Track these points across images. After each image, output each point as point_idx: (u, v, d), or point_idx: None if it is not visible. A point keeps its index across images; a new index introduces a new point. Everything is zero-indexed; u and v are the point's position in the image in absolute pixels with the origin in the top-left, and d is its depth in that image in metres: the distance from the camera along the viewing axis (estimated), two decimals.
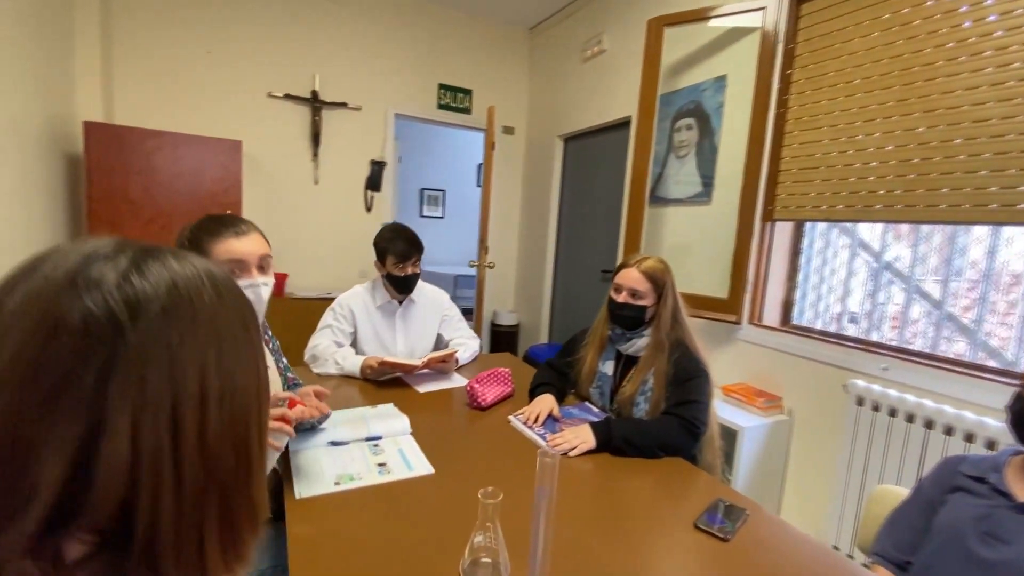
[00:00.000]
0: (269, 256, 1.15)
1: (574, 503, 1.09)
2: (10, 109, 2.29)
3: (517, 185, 4.46)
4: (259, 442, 0.44)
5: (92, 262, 0.36)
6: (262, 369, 0.44)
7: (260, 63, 3.38)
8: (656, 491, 1.19)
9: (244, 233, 1.11)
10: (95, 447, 0.33)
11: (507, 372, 1.73)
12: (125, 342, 0.33)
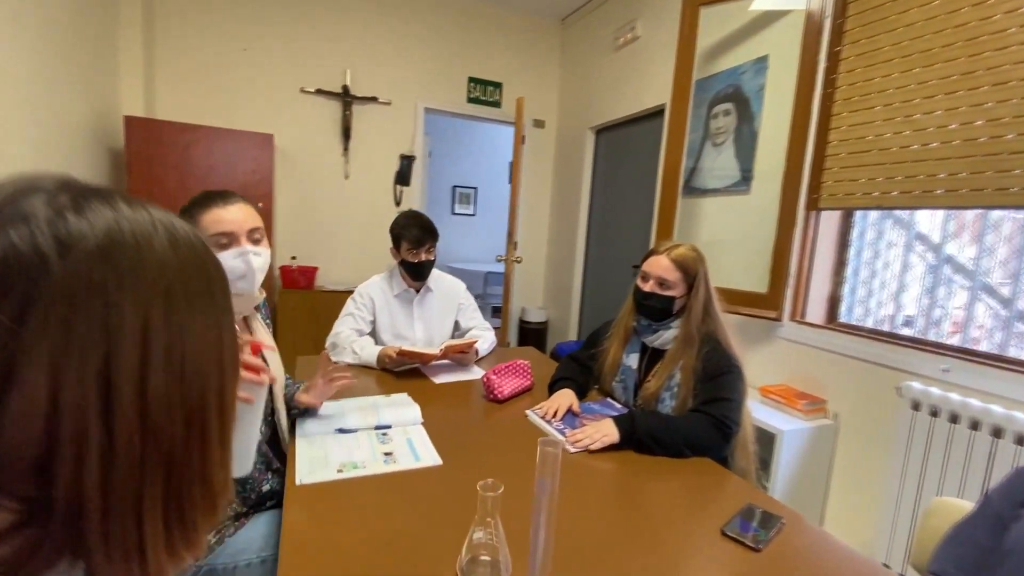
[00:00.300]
0: (260, 228, 1.12)
1: (593, 502, 1.01)
2: (58, 105, 2.39)
3: (547, 179, 4.38)
4: (220, 416, 0.39)
5: (26, 195, 0.32)
6: (228, 338, 0.40)
7: (293, 59, 3.43)
8: (681, 493, 1.09)
9: (231, 203, 1.07)
10: (4, 393, 0.29)
11: (526, 365, 1.66)
12: (49, 278, 0.30)
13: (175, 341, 0.35)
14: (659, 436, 1.22)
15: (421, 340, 2.00)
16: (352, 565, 0.80)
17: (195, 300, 0.37)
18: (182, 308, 0.36)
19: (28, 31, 2.17)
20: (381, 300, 1.96)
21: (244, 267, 1.07)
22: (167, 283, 0.35)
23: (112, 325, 0.31)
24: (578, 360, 1.67)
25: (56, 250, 0.30)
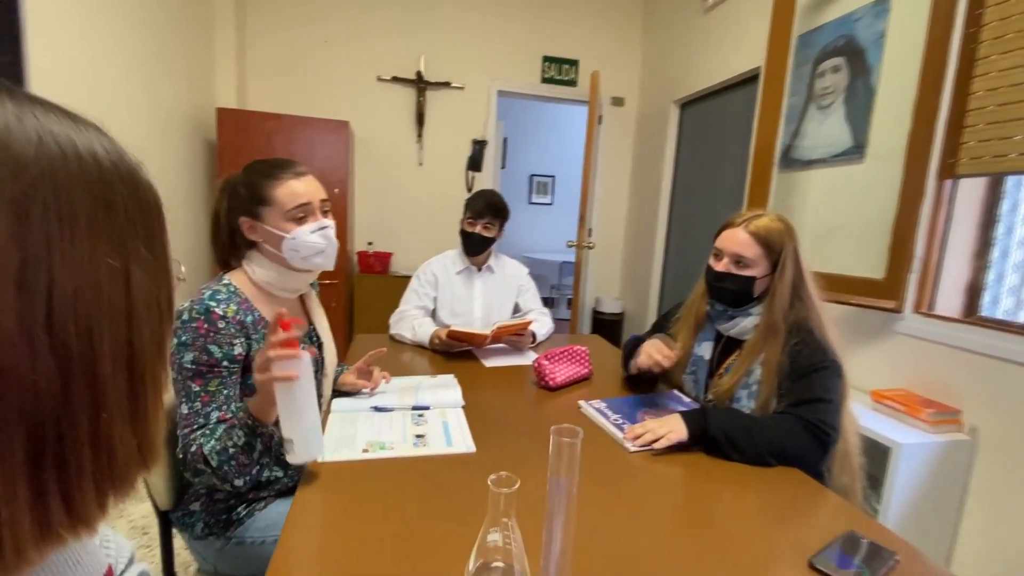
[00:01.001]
0: (329, 200, 1.08)
1: (653, 513, 0.85)
2: (163, 100, 2.60)
3: (626, 161, 4.12)
4: (129, 376, 0.32)
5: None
6: (142, 278, 0.32)
7: (371, 48, 3.50)
8: (762, 509, 0.89)
9: (303, 174, 1.03)
10: None
11: (584, 351, 1.50)
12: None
13: (33, 263, 0.27)
14: (737, 437, 1.02)
15: (479, 319, 1.94)
16: (353, 555, 0.71)
17: (74, 220, 0.29)
18: (46, 225, 0.28)
19: (133, 30, 2.36)
20: (444, 276, 1.94)
21: (324, 242, 1.03)
22: (19, 194, 0.27)
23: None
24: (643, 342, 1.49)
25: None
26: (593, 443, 1.09)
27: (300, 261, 1.02)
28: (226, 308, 0.94)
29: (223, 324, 0.93)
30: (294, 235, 1.00)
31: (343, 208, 3.16)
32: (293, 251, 1.01)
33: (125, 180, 0.32)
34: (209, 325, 0.91)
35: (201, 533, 0.99)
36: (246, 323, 0.97)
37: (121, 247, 0.31)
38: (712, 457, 1.04)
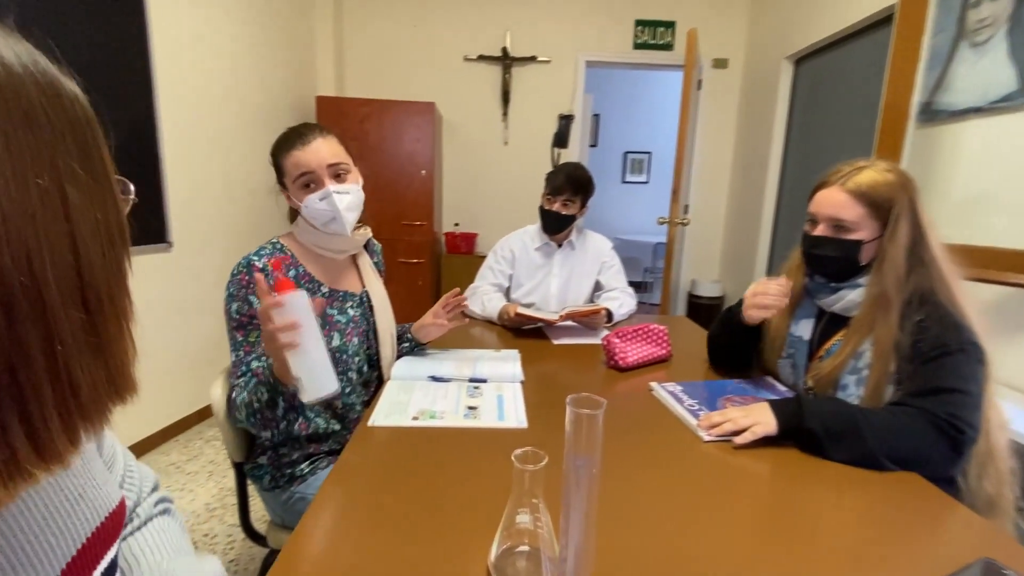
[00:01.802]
0: (343, 163, 1.05)
1: (730, 516, 0.72)
2: (269, 90, 2.82)
3: (729, 129, 3.75)
4: (74, 289, 0.30)
5: None
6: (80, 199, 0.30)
7: (457, 28, 3.51)
8: (868, 522, 0.72)
9: (309, 141, 1.01)
10: None
11: (663, 331, 1.37)
12: None
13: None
14: (841, 432, 0.85)
15: (555, 298, 1.86)
16: (383, 519, 0.69)
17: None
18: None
19: (244, 26, 2.56)
20: (521, 252, 1.89)
21: (330, 210, 1.03)
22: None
23: None
24: None
25: None
26: (661, 430, 0.97)
27: (321, 227, 1.04)
28: (266, 261, 0.99)
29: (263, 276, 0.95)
30: (305, 204, 1.02)
31: (429, 190, 3.23)
32: (311, 219, 1.04)
33: (44, 89, 0.29)
34: (250, 277, 0.96)
35: (268, 485, 1.05)
36: (288, 277, 1.01)
37: (50, 165, 0.29)
38: (807, 454, 0.89)
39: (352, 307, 1.14)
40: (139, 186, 1.16)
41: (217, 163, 2.45)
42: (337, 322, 1.09)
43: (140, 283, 1.98)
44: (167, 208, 2.16)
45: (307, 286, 1.05)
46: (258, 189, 2.68)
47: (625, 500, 0.75)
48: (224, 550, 1.65)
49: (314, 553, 0.62)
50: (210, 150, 2.40)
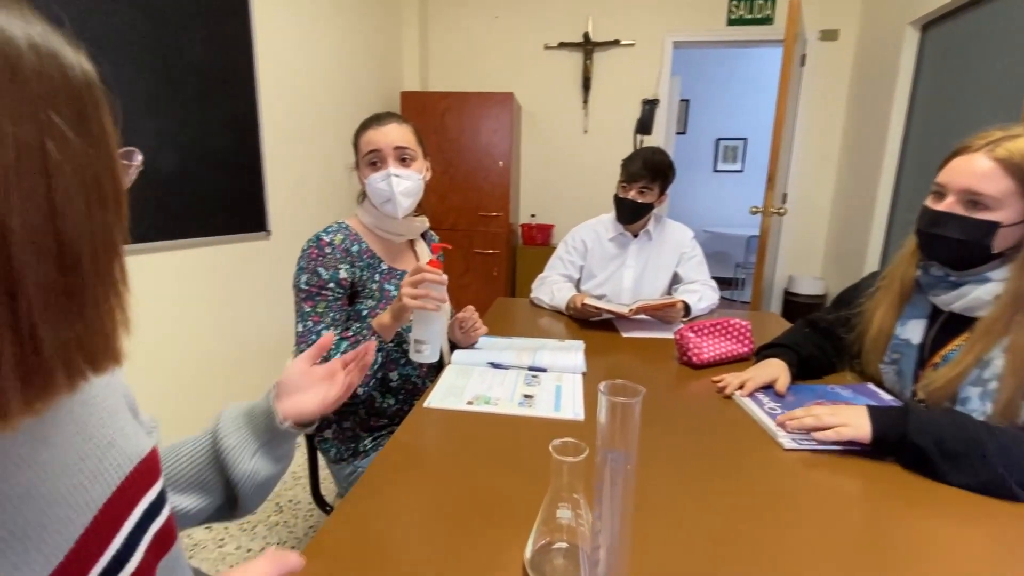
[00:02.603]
0: (409, 148, 1.09)
1: (812, 535, 0.63)
2: (358, 86, 2.97)
3: (837, 109, 3.37)
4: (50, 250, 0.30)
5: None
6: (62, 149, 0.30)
7: (538, 17, 3.47)
8: (991, 556, 0.60)
9: (384, 123, 1.08)
10: None
11: (745, 326, 1.24)
12: None
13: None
14: (959, 451, 0.71)
15: (628, 290, 1.78)
16: (423, 504, 0.68)
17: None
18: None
19: (337, 30, 2.71)
20: (594, 243, 1.81)
21: (388, 190, 1.07)
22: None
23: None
24: (817, 325, 1.17)
25: None
26: (735, 435, 0.88)
27: (379, 207, 1.10)
28: (333, 236, 1.06)
29: (329, 249, 1.04)
30: (368, 181, 1.09)
31: (506, 181, 3.23)
32: (371, 197, 1.10)
33: (39, 49, 0.29)
34: (318, 251, 1.03)
35: (334, 458, 1.10)
36: (351, 251, 1.07)
37: (32, 119, 0.29)
38: (909, 469, 0.76)
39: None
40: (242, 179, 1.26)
41: (310, 157, 2.62)
42: (394, 297, 1.12)
43: (241, 268, 2.17)
44: (267, 199, 2.34)
45: (368, 261, 1.10)
46: (345, 180, 2.84)
47: (686, 509, 0.68)
48: (305, 516, 1.76)
49: (352, 530, 0.63)
50: (304, 145, 2.57)
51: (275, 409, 0.64)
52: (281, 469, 0.66)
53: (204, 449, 0.62)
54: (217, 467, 0.62)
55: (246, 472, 0.61)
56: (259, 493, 0.64)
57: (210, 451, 0.62)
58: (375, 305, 1.08)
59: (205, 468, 0.61)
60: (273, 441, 0.64)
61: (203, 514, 0.62)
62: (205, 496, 0.61)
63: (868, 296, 1.04)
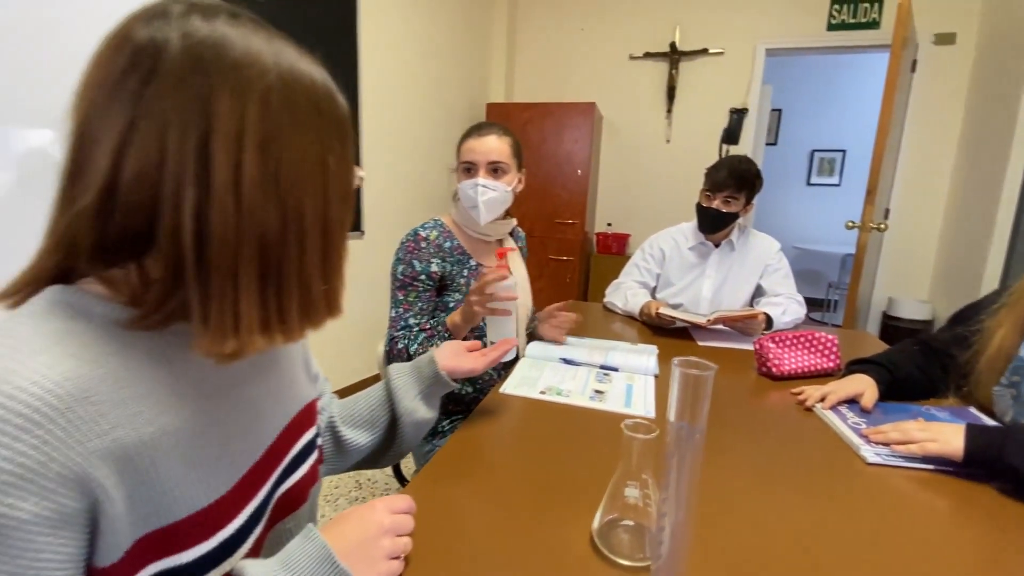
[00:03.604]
0: (502, 162, 1.16)
1: (884, 550, 0.61)
2: (449, 99, 3.14)
3: (953, 119, 3.07)
4: (323, 236, 0.44)
5: (174, 6, 0.40)
6: (336, 165, 0.45)
7: (624, 28, 3.49)
8: None
9: (484, 134, 1.16)
10: (130, 141, 0.37)
11: (831, 340, 1.19)
12: (167, 57, 0.37)
13: (271, 139, 0.39)
14: None
15: (707, 300, 1.74)
16: (494, 482, 0.73)
17: (296, 114, 0.41)
18: (280, 116, 0.40)
19: (428, 43, 2.90)
20: (672, 251, 1.79)
21: (472, 197, 1.15)
22: (265, 88, 0.39)
23: (212, 108, 0.38)
24: (929, 345, 1.09)
25: (179, 37, 0.38)
26: (814, 447, 0.86)
27: (467, 210, 1.17)
28: (429, 232, 1.16)
29: (424, 244, 1.14)
30: (460, 185, 1.17)
31: (584, 189, 3.26)
32: (462, 199, 1.18)
33: (329, 97, 0.44)
34: (415, 244, 1.14)
35: None
36: (443, 247, 1.16)
37: (323, 141, 0.43)
38: (1013, 499, 0.70)
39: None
40: None
41: (399, 164, 2.81)
42: None
43: None
44: (363, 200, 2.55)
45: (458, 257, 1.18)
46: (434, 184, 3.01)
47: (756, 513, 0.68)
48: (381, 493, 1.89)
49: (428, 502, 0.68)
50: (394, 154, 2.77)
51: (436, 362, 0.80)
52: (432, 417, 0.79)
53: (377, 393, 0.77)
54: (386, 407, 0.76)
55: (408, 408, 0.75)
56: (413, 432, 0.76)
57: (382, 394, 0.77)
58: (461, 299, 1.17)
59: (377, 408, 0.76)
60: (431, 389, 0.79)
61: (368, 448, 0.75)
62: (373, 432, 0.75)
63: (990, 313, 0.96)
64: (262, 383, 0.53)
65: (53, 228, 0.40)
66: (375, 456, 0.78)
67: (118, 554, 0.39)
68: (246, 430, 0.49)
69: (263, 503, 0.52)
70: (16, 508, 0.33)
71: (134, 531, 0.40)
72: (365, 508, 0.53)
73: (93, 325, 0.39)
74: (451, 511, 0.65)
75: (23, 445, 0.33)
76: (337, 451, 0.73)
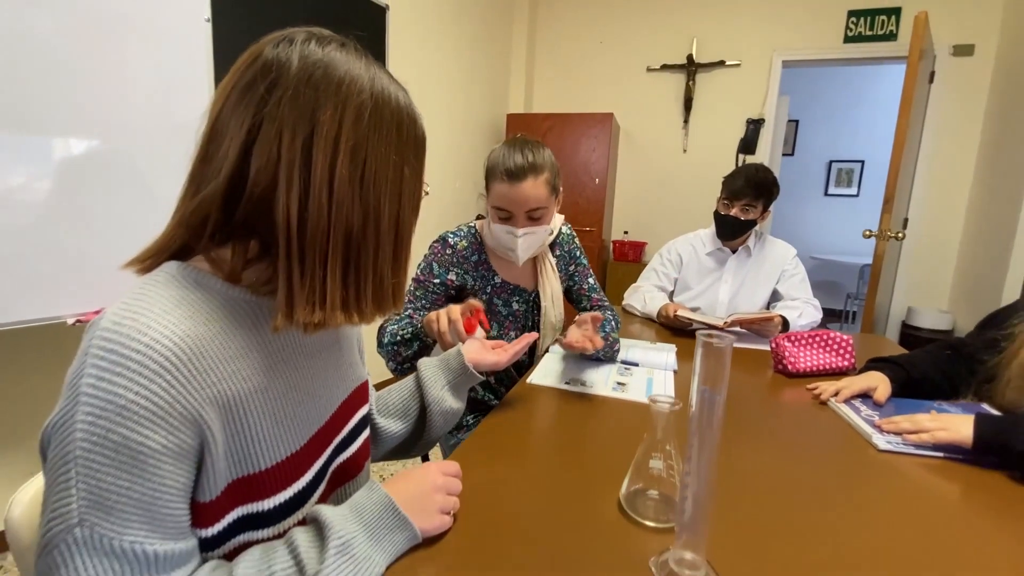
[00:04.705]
0: (542, 208, 1.09)
1: (895, 532, 0.65)
2: (469, 110, 3.24)
3: (972, 130, 3.08)
4: (395, 234, 0.53)
5: (295, 32, 0.50)
6: (410, 176, 0.53)
7: (642, 40, 3.56)
8: None
9: (517, 180, 1.05)
10: (255, 138, 0.45)
11: (846, 340, 1.23)
12: (289, 72, 0.46)
13: (360, 146, 0.48)
14: None
15: (724, 305, 1.78)
16: (524, 460, 0.79)
17: (381, 127, 0.49)
18: (369, 127, 0.48)
19: (452, 58, 3.01)
20: (690, 256, 1.84)
21: (511, 243, 1.12)
22: (360, 104, 0.48)
23: (317, 116, 0.46)
24: (955, 348, 1.10)
25: (298, 58, 0.47)
26: (828, 437, 0.90)
27: (499, 249, 1.16)
28: (458, 241, 1.17)
29: (450, 252, 1.16)
30: (495, 227, 1.13)
31: (601, 197, 3.32)
32: (495, 239, 1.15)
33: (410, 117, 0.52)
34: (441, 249, 1.16)
35: None
36: (470, 259, 1.17)
37: (401, 153, 0.51)
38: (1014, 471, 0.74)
39: (518, 302, 1.25)
40: None
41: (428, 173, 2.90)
42: (498, 313, 1.23)
43: None
44: None
45: (483, 273, 1.19)
46: (457, 192, 3.09)
47: (772, 493, 0.73)
48: None
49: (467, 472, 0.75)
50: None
51: (463, 355, 0.85)
52: (460, 407, 0.84)
53: (409, 384, 0.83)
54: (416, 397, 0.82)
55: (436, 397, 0.81)
56: (442, 422, 0.82)
57: (413, 386, 0.83)
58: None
59: (408, 399, 0.82)
60: (457, 379, 0.84)
61: (401, 436, 0.81)
62: (405, 421, 0.81)
63: (1018, 319, 0.98)
64: (327, 358, 0.60)
65: (182, 208, 0.49)
66: (407, 445, 0.84)
67: (215, 493, 0.46)
68: (315, 396, 0.57)
69: (325, 465, 0.59)
70: (150, 439, 0.40)
71: (228, 474, 0.47)
72: (420, 468, 0.60)
73: (204, 295, 0.47)
74: (491, 480, 0.71)
75: (156, 387, 0.40)
76: (373, 439, 0.79)
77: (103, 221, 1.36)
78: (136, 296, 0.44)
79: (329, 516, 0.49)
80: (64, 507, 0.38)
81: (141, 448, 0.39)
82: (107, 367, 0.39)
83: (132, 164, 1.42)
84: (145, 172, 1.44)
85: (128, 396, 0.39)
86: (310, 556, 0.46)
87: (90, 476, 0.38)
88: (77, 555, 0.38)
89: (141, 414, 0.39)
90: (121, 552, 0.39)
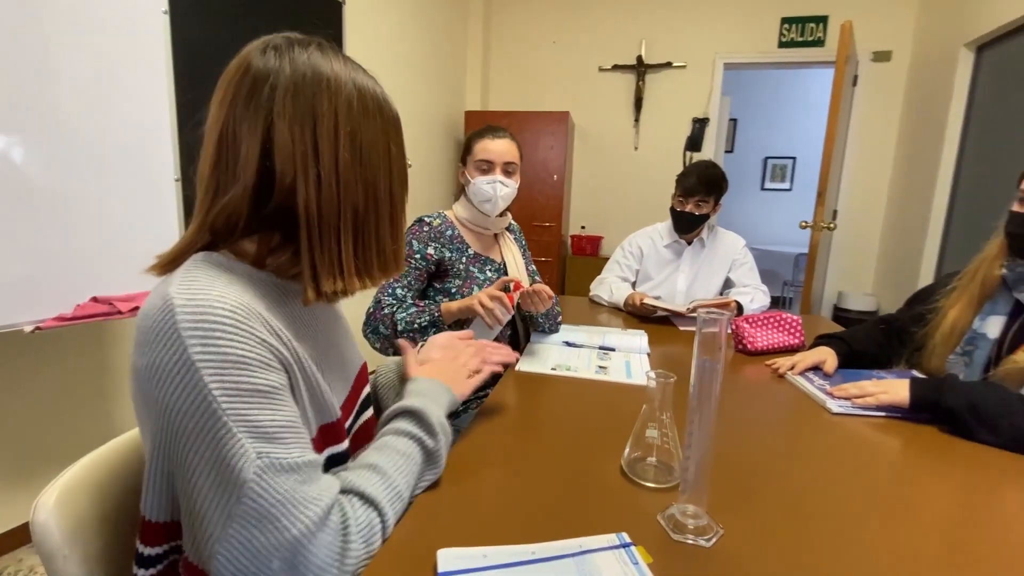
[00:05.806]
0: (515, 164, 1.30)
1: (848, 479, 0.76)
2: (427, 107, 3.24)
3: (890, 128, 3.40)
4: (390, 207, 0.58)
5: (276, 39, 0.54)
6: (396, 152, 0.59)
7: (594, 41, 3.68)
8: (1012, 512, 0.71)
9: (498, 137, 1.28)
10: (271, 136, 0.50)
11: (795, 320, 1.36)
12: (283, 77, 0.51)
13: (356, 131, 0.54)
14: (988, 412, 0.82)
15: (682, 293, 1.90)
16: (524, 439, 0.84)
17: (368, 113, 0.55)
18: (359, 114, 0.54)
19: (411, 55, 2.99)
20: (650, 249, 1.95)
21: (491, 192, 1.26)
22: (348, 95, 0.53)
23: (317, 109, 0.51)
24: (887, 323, 1.26)
25: (287, 64, 0.52)
26: (787, 403, 1.01)
27: (477, 204, 1.29)
28: (433, 220, 1.28)
29: (426, 228, 1.26)
30: (475, 181, 1.28)
31: (560, 194, 3.42)
32: (473, 195, 1.29)
33: (386, 101, 0.58)
34: (417, 227, 1.26)
35: None
36: (444, 234, 1.27)
37: (386, 133, 0.57)
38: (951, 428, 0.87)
39: (491, 270, 1.36)
40: None
41: None
42: (477, 279, 1.31)
43: None
44: None
45: (458, 246, 1.30)
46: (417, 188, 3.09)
47: (744, 456, 0.82)
48: None
49: (470, 445, 0.80)
50: None
51: None
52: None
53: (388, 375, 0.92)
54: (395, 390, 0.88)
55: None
56: None
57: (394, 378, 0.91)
58: (461, 284, 1.27)
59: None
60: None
61: None
62: None
63: (944, 294, 1.13)
64: (340, 332, 0.67)
65: (203, 211, 0.51)
66: None
67: (312, 436, 0.54)
68: (342, 365, 0.65)
69: (351, 425, 0.67)
70: (268, 379, 0.47)
71: (316, 421, 0.55)
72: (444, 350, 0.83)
73: (238, 277, 0.51)
74: (500, 454, 0.76)
75: (253, 340, 0.46)
76: None
77: (60, 224, 1.29)
78: (189, 278, 0.47)
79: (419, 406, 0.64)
80: (238, 452, 0.44)
81: (266, 387, 0.46)
82: (207, 332, 0.44)
83: (87, 160, 1.35)
84: (101, 167, 1.38)
85: (237, 351, 0.45)
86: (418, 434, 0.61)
87: (243, 420, 0.44)
88: (270, 479, 0.45)
89: (252, 363, 0.46)
90: (295, 466, 0.46)
